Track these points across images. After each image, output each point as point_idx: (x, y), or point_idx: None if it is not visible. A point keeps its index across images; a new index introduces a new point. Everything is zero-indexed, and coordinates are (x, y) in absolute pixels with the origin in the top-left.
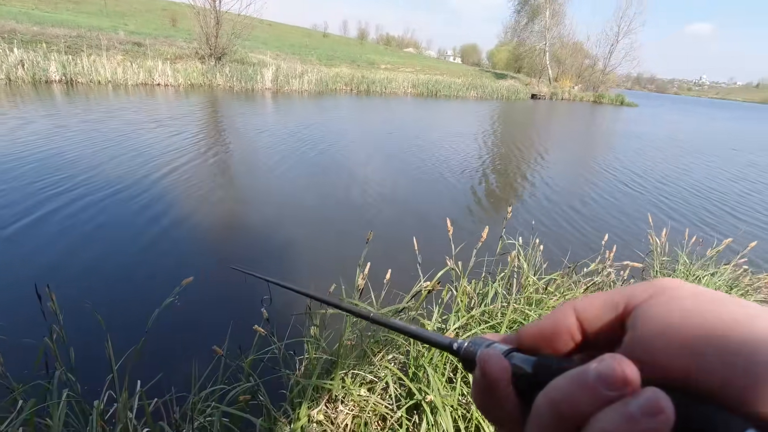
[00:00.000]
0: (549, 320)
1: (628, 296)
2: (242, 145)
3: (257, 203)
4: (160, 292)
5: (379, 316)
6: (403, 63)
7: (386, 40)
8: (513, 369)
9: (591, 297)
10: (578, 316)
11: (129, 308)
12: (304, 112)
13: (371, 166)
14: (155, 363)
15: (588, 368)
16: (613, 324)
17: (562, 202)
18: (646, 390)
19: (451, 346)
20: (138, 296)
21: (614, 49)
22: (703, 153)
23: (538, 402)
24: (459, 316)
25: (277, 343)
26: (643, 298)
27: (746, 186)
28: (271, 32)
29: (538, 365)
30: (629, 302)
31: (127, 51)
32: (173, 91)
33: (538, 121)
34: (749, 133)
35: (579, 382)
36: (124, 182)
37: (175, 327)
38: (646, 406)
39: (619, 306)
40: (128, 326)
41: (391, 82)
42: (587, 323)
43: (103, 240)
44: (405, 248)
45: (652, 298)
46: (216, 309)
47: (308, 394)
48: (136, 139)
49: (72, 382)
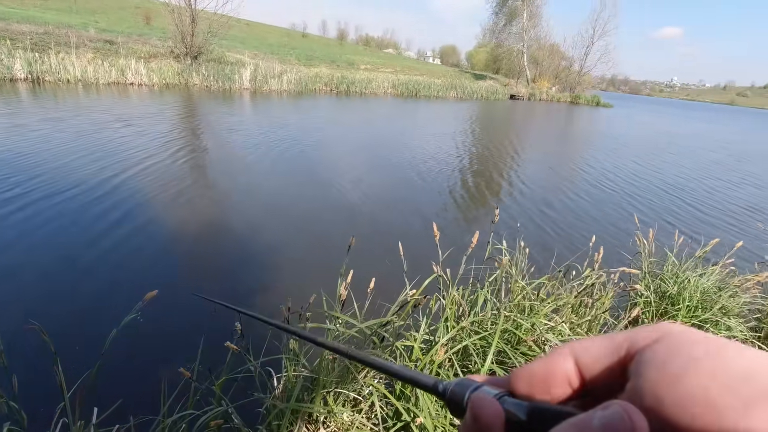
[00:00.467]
0: (544, 363)
1: (630, 340)
2: (212, 146)
3: (228, 207)
4: (118, 307)
5: (356, 352)
6: (383, 63)
7: (366, 41)
8: (505, 415)
9: (589, 339)
10: (576, 360)
11: (82, 327)
12: (283, 112)
13: (353, 166)
14: (114, 388)
15: (592, 416)
16: (613, 369)
17: (540, 203)
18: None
19: (436, 387)
20: (93, 313)
21: (590, 51)
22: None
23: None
24: (448, 327)
25: (253, 362)
26: (647, 343)
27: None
28: (249, 32)
29: (532, 411)
30: (632, 346)
31: (98, 49)
32: (147, 91)
33: (521, 121)
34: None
35: (582, 431)
36: (79, 185)
37: (135, 347)
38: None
39: (621, 350)
40: (82, 347)
41: (371, 82)
42: (586, 368)
43: (53, 249)
44: (387, 253)
45: (657, 343)
46: (182, 325)
47: (287, 417)
48: (98, 139)
49: (15, 411)
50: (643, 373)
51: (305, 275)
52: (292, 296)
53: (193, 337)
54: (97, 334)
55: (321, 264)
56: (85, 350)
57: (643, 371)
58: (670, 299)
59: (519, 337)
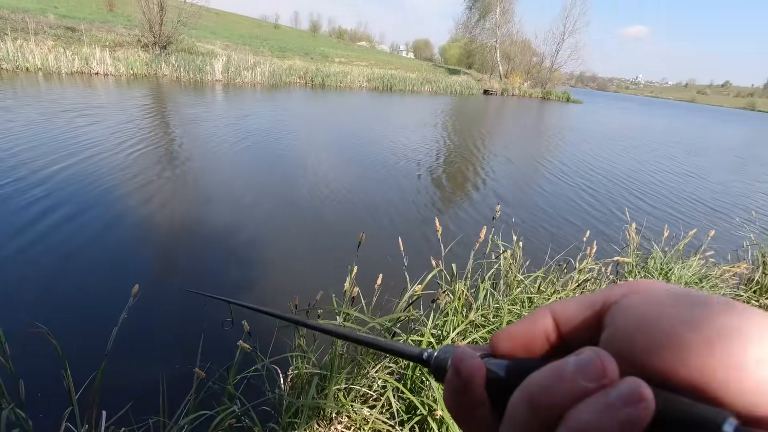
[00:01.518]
0: (524, 323)
1: (605, 295)
2: (169, 136)
3: (198, 203)
4: (103, 309)
5: (344, 330)
6: (357, 57)
7: (339, 33)
8: (486, 373)
9: (567, 299)
10: (554, 317)
11: (73, 332)
12: (259, 105)
13: (337, 163)
14: (118, 392)
15: (566, 360)
16: (590, 323)
17: (534, 198)
18: (626, 379)
19: (421, 355)
20: (76, 317)
21: (560, 47)
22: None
23: (514, 399)
24: (457, 321)
25: (264, 360)
26: (619, 296)
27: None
28: (219, 21)
29: (512, 368)
30: (606, 300)
31: (59, 36)
32: (114, 81)
33: (497, 116)
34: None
35: (557, 375)
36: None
37: (135, 350)
38: (627, 394)
39: (596, 304)
40: (79, 352)
41: (346, 75)
42: (563, 323)
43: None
44: (380, 249)
45: (629, 295)
46: (181, 325)
47: (303, 414)
48: (43, 129)
49: (23, 420)
50: (615, 322)
51: (306, 273)
52: (296, 294)
53: (190, 337)
54: (86, 337)
55: (318, 262)
56: (84, 353)
57: (615, 320)
58: None
59: None
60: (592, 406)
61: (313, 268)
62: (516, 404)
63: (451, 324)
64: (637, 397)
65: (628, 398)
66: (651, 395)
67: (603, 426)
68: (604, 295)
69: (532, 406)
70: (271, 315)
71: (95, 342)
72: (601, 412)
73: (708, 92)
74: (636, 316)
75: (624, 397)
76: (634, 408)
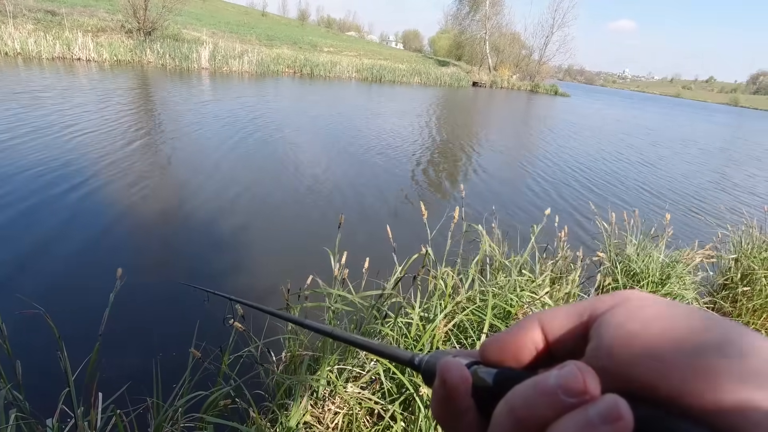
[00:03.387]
0: (512, 332)
1: (592, 307)
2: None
3: (183, 191)
4: (94, 293)
5: (340, 332)
6: (346, 47)
7: (327, 23)
8: (474, 381)
9: (555, 308)
10: (542, 327)
11: (67, 317)
12: (247, 95)
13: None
14: (113, 373)
15: (549, 375)
16: (576, 334)
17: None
18: (606, 396)
19: (412, 361)
20: (68, 300)
21: (549, 41)
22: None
23: (498, 409)
24: (444, 303)
25: (257, 342)
26: (606, 308)
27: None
28: (204, 8)
29: (499, 377)
30: (593, 312)
31: (39, 20)
32: (96, 67)
33: (487, 110)
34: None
35: (539, 389)
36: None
37: (130, 332)
38: (605, 412)
39: (583, 315)
40: (73, 333)
41: (335, 65)
42: (551, 333)
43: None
44: (369, 235)
45: (615, 307)
46: (176, 310)
47: (296, 393)
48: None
49: (20, 401)
50: (601, 335)
51: (297, 260)
52: (289, 278)
53: (186, 321)
54: (78, 321)
55: (306, 249)
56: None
57: (601, 333)
58: (633, 276)
59: (509, 311)
60: (570, 422)
61: (303, 254)
62: (500, 416)
63: (437, 307)
64: (616, 415)
65: (607, 416)
66: (629, 413)
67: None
68: (591, 306)
69: (514, 418)
70: (274, 315)
71: (90, 326)
72: (579, 429)
73: (693, 87)
74: (620, 329)
75: (602, 415)
76: (612, 426)
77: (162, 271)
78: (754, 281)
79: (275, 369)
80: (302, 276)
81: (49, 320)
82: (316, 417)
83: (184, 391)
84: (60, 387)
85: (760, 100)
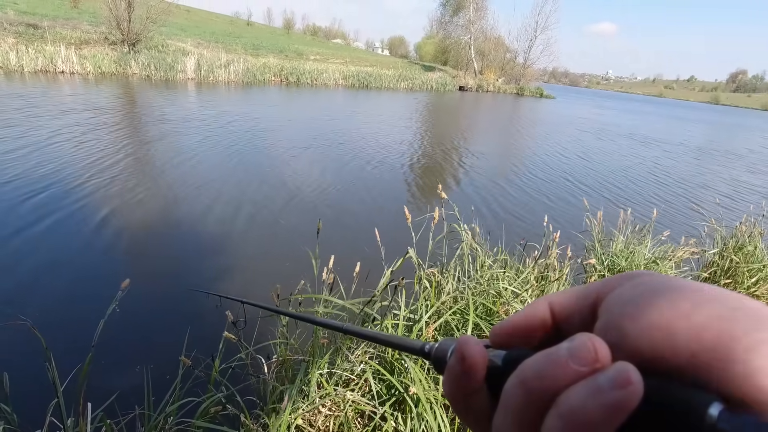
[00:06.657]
0: (522, 314)
1: (600, 286)
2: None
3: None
4: (93, 303)
5: (351, 326)
6: (333, 54)
7: (313, 31)
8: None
9: (565, 290)
10: (552, 308)
11: (61, 326)
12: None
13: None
14: (104, 382)
15: (560, 346)
16: (585, 314)
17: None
18: (616, 364)
19: (422, 349)
20: (65, 311)
21: (533, 44)
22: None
23: (509, 382)
24: (429, 305)
25: (248, 348)
26: (613, 287)
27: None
28: (190, 19)
29: (509, 358)
30: (601, 291)
31: (20, 33)
32: (81, 80)
33: (474, 113)
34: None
35: (550, 360)
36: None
37: (122, 341)
38: (615, 378)
39: (591, 295)
40: (65, 345)
41: (321, 73)
42: (560, 314)
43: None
44: (353, 237)
45: (622, 285)
46: (167, 317)
47: (287, 398)
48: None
49: (7, 413)
50: (609, 311)
51: (287, 265)
52: (279, 285)
53: (176, 329)
54: (73, 333)
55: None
56: (71, 346)
57: (609, 309)
58: (620, 273)
59: (491, 308)
60: (581, 389)
61: (291, 260)
62: (510, 388)
63: (422, 308)
64: (626, 380)
65: (617, 381)
66: (639, 379)
67: (591, 408)
68: (599, 286)
69: (525, 389)
70: (283, 314)
71: (81, 336)
72: (590, 395)
73: (675, 87)
74: (627, 304)
75: (612, 381)
76: (621, 391)
77: (157, 280)
78: (736, 275)
79: (266, 374)
80: (293, 282)
81: (35, 331)
82: (308, 420)
83: (174, 398)
84: (49, 398)
85: (739, 98)
